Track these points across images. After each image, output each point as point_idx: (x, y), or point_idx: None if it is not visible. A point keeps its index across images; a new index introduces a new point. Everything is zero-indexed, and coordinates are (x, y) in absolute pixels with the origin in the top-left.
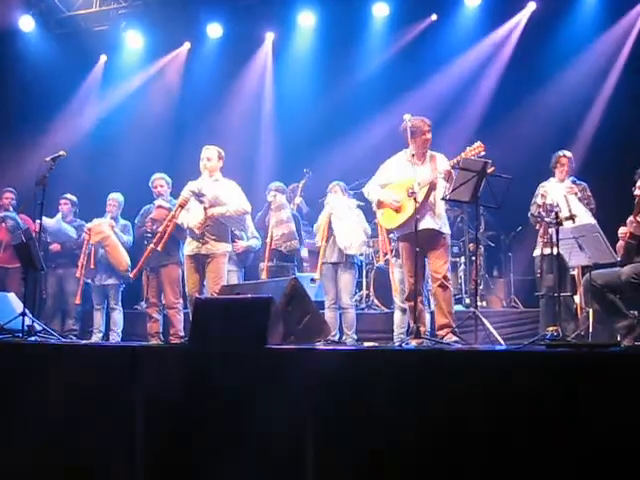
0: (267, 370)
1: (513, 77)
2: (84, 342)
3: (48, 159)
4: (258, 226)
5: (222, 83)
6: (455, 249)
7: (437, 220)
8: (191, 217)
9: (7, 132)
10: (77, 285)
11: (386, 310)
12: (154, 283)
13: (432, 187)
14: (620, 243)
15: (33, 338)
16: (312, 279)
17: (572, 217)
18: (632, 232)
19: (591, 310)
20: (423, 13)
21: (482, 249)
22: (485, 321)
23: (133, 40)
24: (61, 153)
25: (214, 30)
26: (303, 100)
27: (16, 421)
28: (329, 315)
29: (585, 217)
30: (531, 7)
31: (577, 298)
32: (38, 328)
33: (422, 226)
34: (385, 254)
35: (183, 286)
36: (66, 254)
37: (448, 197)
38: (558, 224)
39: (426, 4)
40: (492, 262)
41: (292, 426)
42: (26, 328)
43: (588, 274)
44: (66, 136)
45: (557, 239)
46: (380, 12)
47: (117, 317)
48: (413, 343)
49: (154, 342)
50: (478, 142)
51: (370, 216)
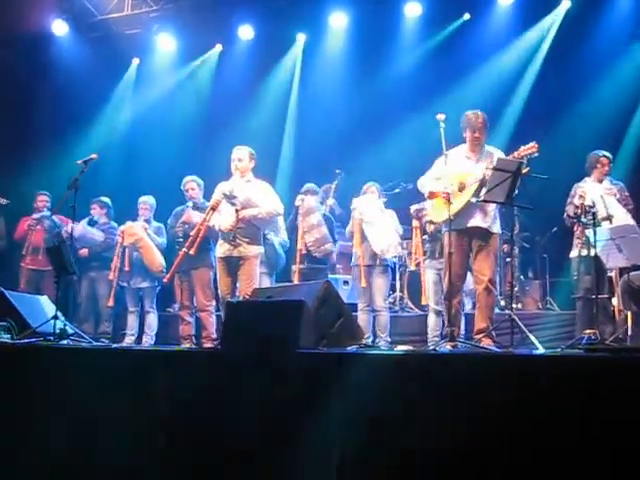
0: (299, 374)
1: (549, 76)
2: (115, 345)
3: (80, 162)
4: (289, 229)
5: (253, 85)
6: None
7: (487, 219)
8: (223, 219)
9: (41, 136)
10: (109, 288)
11: (420, 312)
12: (186, 286)
13: (482, 184)
14: None
15: (65, 341)
16: (345, 281)
17: (609, 218)
18: None
19: (629, 312)
20: (456, 12)
21: (517, 250)
22: (521, 325)
23: (165, 43)
24: (92, 156)
25: (245, 32)
26: (335, 101)
27: (46, 423)
28: (362, 318)
29: (624, 218)
30: (565, 5)
31: (615, 300)
32: (70, 331)
33: (470, 224)
34: (417, 261)
35: (216, 288)
36: (96, 258)
37: (483, 198)
38: (595, 225)
39: (459, 3)
40: (527, 263)
41: (324, 429)
42: (58, 331)
43: (626, 275)
44: (100, 139)
45: (595, 240)
46: (412, 12)
47: (152, 320)
48: (448, 347)
49: (186, 345)
50: (533, 142)
51: (403, 219)
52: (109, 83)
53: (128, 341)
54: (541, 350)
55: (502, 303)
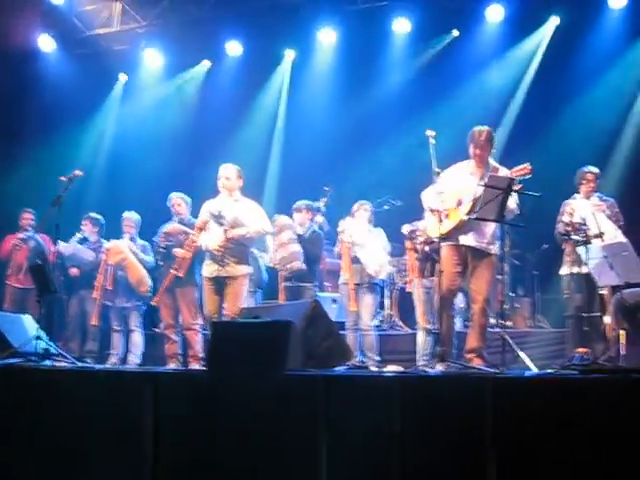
0: (286, 396)
1: (538, 93)
2: (98, 367)
3: (64, 178)
4: None
5: (241, 101)
6: None
7: (483, 239)
8: (210, 238)
9: (27, 152)
10: (95, 306)
11: (410, 331)
12: (170, 304)
13: (475, 204)
14: None
15: (48, 362)
16: (334, 299)
17: (601, 235)
18: None
19: (622, 331)
20: (444, 29)
21: (507, 267)
22: (514, 345)
23: (152, 59)
24: (77, 172)
25: (233, 48)
26: (323, 117)
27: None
28: (350, 337)
29: (614, 234)
30: (554, 21)
31: (607, 318)
32: (53, 352)
33: (463, 241)
34: (411, 280)
35: (201, 306)
36: (85, 277)
37: (475, 216)
38: (586, 242)
39: (447, 20)
40: (517, 281)
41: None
42: (41, 351)
43: (619, 294)
44: (86, 155)
45: (587, 258)
46: (401, 28)
47: (137, 339)
48: (439, 367)
49: (173, 364)
50: (527, 163)
51: (392, 236)
52: (96, 99)
53: (113, 360)
54: (534, 370)
55: (492, 321)
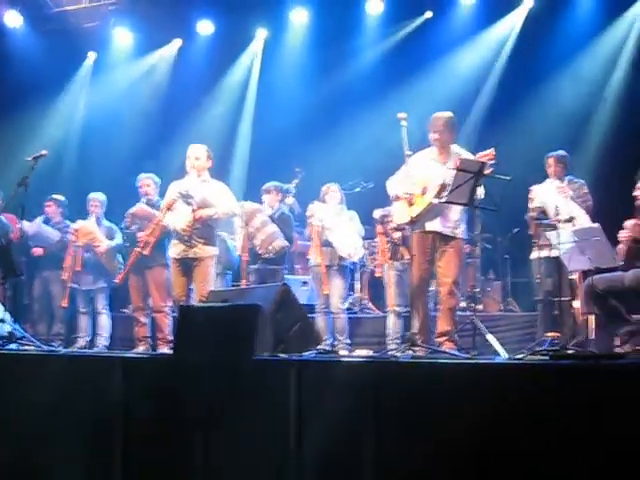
0: (254, 381)
1: (512, 75)
2: (64, 351)
3: (29, 158)
4: None
5: (212, 80)
6: None
7: (448, 223)
8: (177, 219)
9: None
10: (63, 288)
11: (380, 314)
12: (139, 286)
13: (443, 188)
14: (620, 246)
15: (13, 345)
16: (304, 282)
17: (571, 220)
18: (634, 236)
19: (592, 316)
20: (418, 10)
21: (478, 251)
22: (484, 329)
23: (122, 37)
24: (42, 152)
25: (205, 27)
26: (295, 98)
27: None
28: (320, 319)
29: (583, 219)
30: (528, 4)
31: (576, 303)
32: (19, 335)
33: (430, 227)
34: (382, 264)
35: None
36: (50, 257)
37: (445, 200)
38: (554, 227)
39: (420, 1)
40: (488, 264)
41: (279, 439)
42: (6, 335)
43: (590, 279)
44: (53, 135)
45: (557, 242)
46: (374, 9)
47: (104, 321)
48: (409, 352)
49: (142, 347)
50: (491, 149)
51: (364, 218)
52: (64, 77)
53: (82, 343)
54: (504, 355)
55: (463, 304)
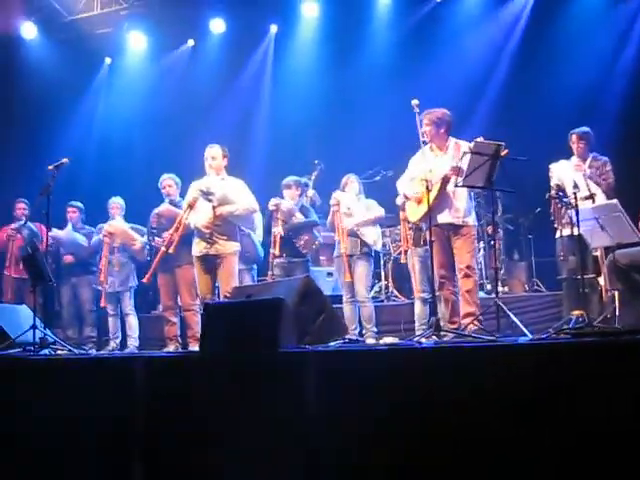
0: (281, 374)
1: (527, 55)
2: (94, 354)
3: (51, 167)
4: (265, 231)
5: (227, 78)
6: None
7: (456, 213)
8: (199, 217)
9: (15, 141)
10: (92, 292)
11: (407, 301)
12: (168, 285)
13: (445, 181)
14: None
15: (45, 351)
16: (329, 273)
17: (592, 196)
18: None
19: (616, 292)
20: None
21: (501, 233)
22: (507, 310)
23: (136, 41)
24: (64, 160)
25: (217, 25)
26: (310, 91)
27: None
28: (347, 309)
29: (601, 196)
30: None
31: (601, 280)
32: (50, 340)
33: (441, 220)
34: (406, 251)
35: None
36: (79, 263)
37: (462, 184)
38: (573, 206)
39: None
40: (512, 245)
41: (305, 428)
42: (38, 341)
43: (612, 255)
44: (74, 142)
45: (577, 220)
46: None
47: (132, 322)
48: (434, 337)
49: (172, 346)
50: (480, 137)
51: (385, 206)
52: (81, 84)
53: (113, 345)
54: (528, 336)
55: (488, 287)
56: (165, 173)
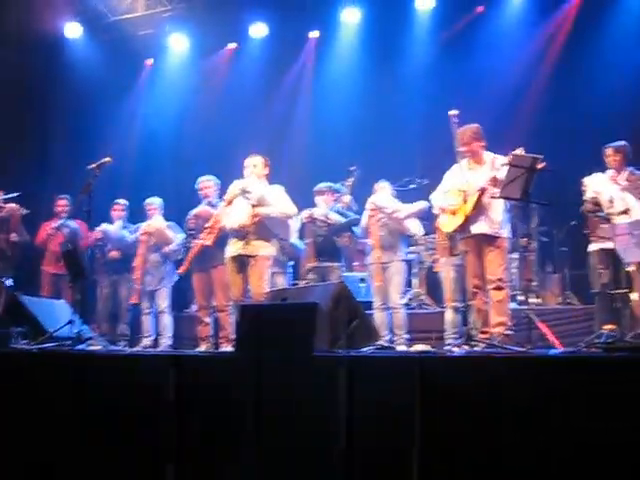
0: (315, 377)
1: (564, 68)
2: (129, 350)
3: (93, 166)
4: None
5: (268, 83)
6: None
7: (491, 224)
8: (234, 217)
9: (60, 140)
10: (130, 290)
11: (438, 309)
12: (203, 285)
13: (482, 192)
14: None
15: (82, 346)
16: (361, 279)
17: (627, 211)
18: None
19: None
20: (469, 5)
21: (535, 244)
22: (539, 323)
23: (178, 43)
24: (106, 159)
25: (258, 30)
26: (349, 97)
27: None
28: (378, 315)
29: (638, 210)
30: None
31: (634, 295)
32: (87, 335)
33: (475, 230)
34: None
35: None
36: (123, 259)
37: (499, 195)
38: (609, 219)
39: None
40: (546, 257)
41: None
42: (75, 336)
43: None
44: (115, 142)
45: (612, 234)
46: (425, 5)
47: (166, 321)
48: (465, 346)
49: (204, 346)
50: (520, 148)
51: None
52: (124, 84)
53: (147, 343)
54: (559, 348)
55: (521, 298)
56: (202, 176)
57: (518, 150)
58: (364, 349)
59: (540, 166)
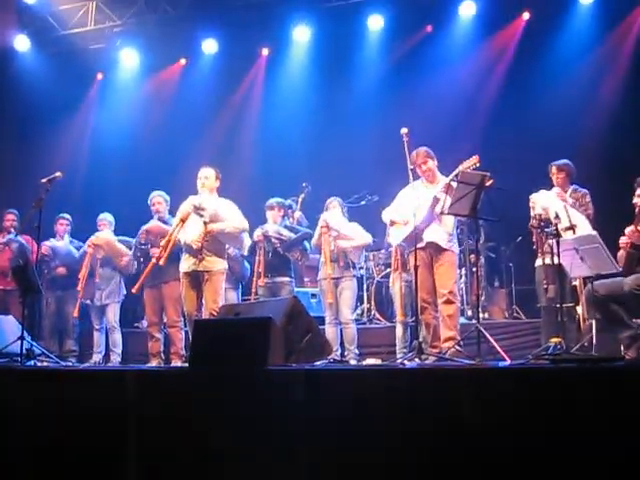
0: (268, 391)
1: (512, 86)
2: (82, 366)
3: (44, 181)
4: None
5: (218, 99)
6: None
7: (442, 235)
8: (188, 233)
9: (8, 153)
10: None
11: (388, 324)
12: (154, 301)
13: (435, 202)
14: (621, 253)
15: (32, 362)
16: (313, 294)
17: (572, 227)
18: (633, 242)
19: (594, 321)
20: (418, 25)
21: (482, 260)
22: (488, 336)
23: (129, 58)
24: (57, 174)
25: (209, 46)
26: (299, 114)
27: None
28: (330, 331)
29: (584, 226)
30: (525, 17)
31: (579, 309)
32: (37, 352)
33: (428, 239)
34: (395, 269)
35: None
36: (70, 275)
37: (447, 212)
38: (556, 235)
39: (421, 16)
40: (493, 273)
41: (291, 447)
42: (25, 352)
43: (590, 285)
44: (65, 156)
45: (558, 250)
46: (375, 25)
47: (116, 337)
48: (416, 359)
49: (154, 362)
50: (475, 156)
51: (370, 231)
52: (74, 98)
53: (96, 359)
54: (507, 361)
55: (469, 313)
56: (155, 190)
57: (473, 158)
58: (317, 363)
59: (489, 183)
